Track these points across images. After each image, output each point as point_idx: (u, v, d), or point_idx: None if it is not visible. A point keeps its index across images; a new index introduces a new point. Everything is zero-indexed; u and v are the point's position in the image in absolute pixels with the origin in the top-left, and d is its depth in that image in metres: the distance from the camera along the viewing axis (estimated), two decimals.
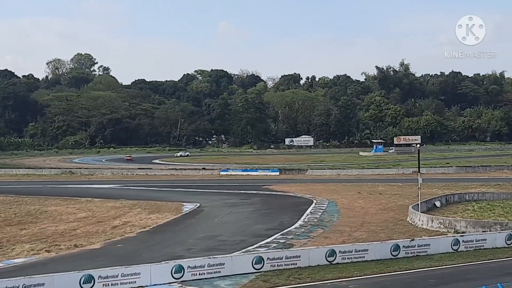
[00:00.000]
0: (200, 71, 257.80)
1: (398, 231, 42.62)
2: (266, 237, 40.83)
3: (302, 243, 38.40)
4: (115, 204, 59.41)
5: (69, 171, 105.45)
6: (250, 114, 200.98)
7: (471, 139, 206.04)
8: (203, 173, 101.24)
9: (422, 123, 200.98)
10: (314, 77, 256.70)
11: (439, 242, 36.08)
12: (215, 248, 37.46)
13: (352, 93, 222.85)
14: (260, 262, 30.54)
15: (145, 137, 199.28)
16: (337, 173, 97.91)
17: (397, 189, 71.90)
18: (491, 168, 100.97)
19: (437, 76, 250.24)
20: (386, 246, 34.30)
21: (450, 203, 57.19)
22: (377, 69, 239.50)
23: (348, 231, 43.03)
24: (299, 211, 53.22)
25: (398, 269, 31.29)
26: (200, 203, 60.40)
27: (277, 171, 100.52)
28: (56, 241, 40.27)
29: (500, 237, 37.63)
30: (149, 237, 42.65)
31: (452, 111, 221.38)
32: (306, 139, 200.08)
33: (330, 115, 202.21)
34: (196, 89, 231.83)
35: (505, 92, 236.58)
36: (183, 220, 50.79)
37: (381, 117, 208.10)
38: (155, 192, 75.01)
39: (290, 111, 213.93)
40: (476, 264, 32.87)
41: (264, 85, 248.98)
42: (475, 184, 76.57)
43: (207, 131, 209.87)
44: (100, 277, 26.97)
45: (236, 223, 48.83)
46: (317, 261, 31.94)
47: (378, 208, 55.06)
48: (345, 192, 69.37)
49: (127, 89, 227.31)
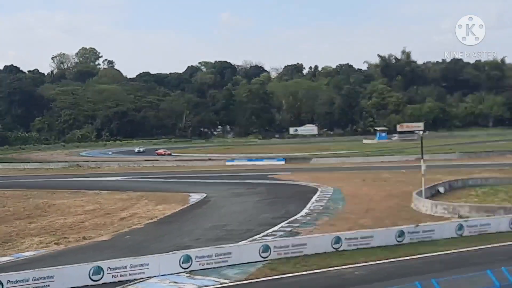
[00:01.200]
0: (204, 62, 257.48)
1: (402, 217, 42.78)
2: (272, 225, 41.02)
3: (308, 231, 38.64)
4: (123, 196, 59.79)
5: (76, 165, 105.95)
6: (255, 104, 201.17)
7: (474, 125, 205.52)
8: (209, 164, 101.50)
9: (425, 110, 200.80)
10: (317, 66, 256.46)
11: (444, 227, 36.36)
12: (222, 237, 37.70)
13: (354, 82, 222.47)
14: (267, 250, 30.82)
15: (150, 129, 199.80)
16: (342, 161, 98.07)
17: (401, 176, 71.98)
18: (494, 153, 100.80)
19: (439, 63, 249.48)
20: (391, 232, 34.56)
21: (454, 189, 57.38)
22: (379, 58, 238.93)
23: (353, 218, 43.28)
24: (305, 200, 53.35)
25: (403, 255, 31.51)
26: (206, 193, 60.62)
27: (282, 160, 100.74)
28: (65, 233, 40.67)
29: (504, 221, 37.84)
30: (157, 228, 42.98)
31: (454, 97, 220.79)
32: (310, 128, 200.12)
33: (334, 104, 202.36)
34: (201, 81, 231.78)
35: (506, 78, 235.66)
36: (190, 211, 51.09)
37: (384, 105, 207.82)
38: (162, 183, 75.31)
39: (294, 100, 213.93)
40: (481, 249, 33.02)
41: (267, 76, 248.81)
42: (478, 169, 76.50)
43: (212, 122, 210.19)
44: (109, 269, 27.28)
45: (242, 213, 49.09)
46: (323, 248, 32.20)
47: (382, 195, 55.23)
48: (350, 179, 69.53)
49: (132, 82, 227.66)
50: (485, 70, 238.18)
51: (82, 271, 26.92)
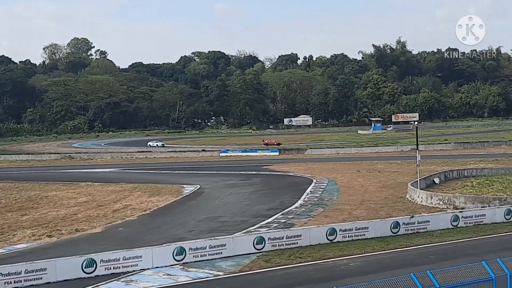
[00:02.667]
0: (198, 53, 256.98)
1: (397, 208, 42.84)
2: (267, 217, 41.04)
3: (303, 222, 38.60)
4: (115, 188, 59.52)
5: (68, 156, 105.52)
6: (249, 95, 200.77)
7: (469, 115, 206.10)
8: (202, 155, 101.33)
9: (420, 100, 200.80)
10: (311, 56, 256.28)
11: (439, 218, 36.29)
12: (216, 229, 37.63)
13: (349, 72, 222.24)
14: (261, 242, 30.70)
15: (143, 120, 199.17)
16: (336, 152, 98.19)
17: (396, 166, 72.09)
18: (489, 144, 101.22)
19: (434, 53, 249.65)
20: (386, 223, 34.49)
21: (449, 180, 57.42)
22: (374, 47, 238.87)
23: (348, 209, 43.22)
24: (299, 191, 53.42)
25: (399, 246, 31.45)
26: (200, 184, 60.51)
27: (277, 151, 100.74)
28: (57, 226, 40.41)
29: (499, 212, 37.88)
30: (150, 220, 42.81)
31: (449, 87, 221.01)
32: (305, 118, 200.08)
33: (328, 94, 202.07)
34: (194, 71, 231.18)
35: (501, 68, 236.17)
36: (183, 202, 50.93)
37: (379, 95, 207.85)
38: (155, 175, 75.15)
39: (288, 91, 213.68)
40: (476, 240, 33.07)
41: (261, 66, 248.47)
42: (474, 160, 76.80)
43: (206, 113, 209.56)
44: (102, 261, 27.12)
45: (236, 204, 48.99)
46: (318, 240, 32.12)
47: (377, 186, 55.26)
48: (345, 170, 69.56)
49: (125, 73, 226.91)
50: (481, 60, 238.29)
51: (74, 263, 26.75)
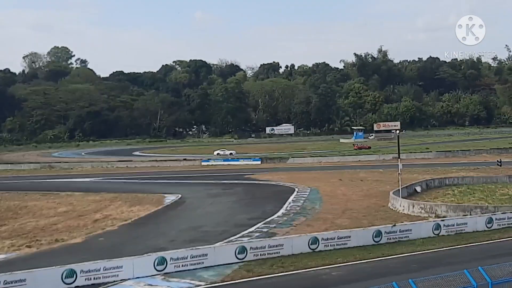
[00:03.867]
0: (179, 61, 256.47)
1: (380, 217, 42.87)
2: (248, 226, 40.87)
3: (285, 231, 38.50)
4: (96, 198, 58.93)
5: (48, 166, 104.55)
6: (230, 103, 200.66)
7: (450, 124, 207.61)
8: (184, 164, 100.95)
9: (401, 109, 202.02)
10: (293, 65, 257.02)
11: (421, 227, 36.35)
12: (197, 239, 37.36)
13: (331, 81, 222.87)
14: (243, 251, 30.56)
15: (124, 129, 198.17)
16: (319, 161, 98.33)
17: (378, 175, 72.26)
18: (471, 152, 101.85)
19: (415, 62, 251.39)
20: (368, 232, 34.49)
21: (431, 188, 57.62)
22: (355, 56, 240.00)
23: (331, 218, 43.18)
24: (282, 200, 53.30)
25: (381, 255, 31.46)
26: (182, 194, 60.14)
27: (259, 160, 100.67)
28: (37, 236, 39.93)
29: (480, 220, 38.02)
30: (131, 230, 42.47)
31: (430, 96, 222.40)
32: (287, 127, 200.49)
33: (310, 103, 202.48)
34: (175, 80, 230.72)
35: (482, 77, 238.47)
36: (165, 212, 50.62)
37: (361, 104, 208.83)
38: (136, 184, 74.63)
39: (270, 99, 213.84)
40: (457, 248, 33.17)
41: (243, 74, 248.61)
42: (455, 168, 77.20)
43: (187, 122, 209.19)
44: (82, 271, 26.86)
45: (218, 214, 48.79)
46: (300, 249, 32.05)
47: (359, 195, 55.35)
48: (327, 179, 69.59)
49: (105, 81, 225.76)
50: (462, 69, 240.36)
51: (54, 274, 26.46)
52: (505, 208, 41.00)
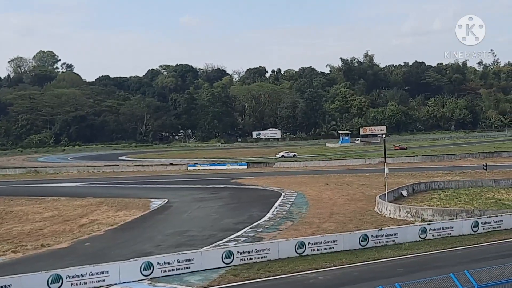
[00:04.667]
0: (165, 66, 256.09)
1: (366, 221, 42.95)
2: (235, 231, 40.83)
3: (272, 236, 38.47)
4: (82, 202, 58.76)
5: (34, 170, 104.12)
6: (217, 108, 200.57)
7: (436, 128, 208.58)
8: (170, 169, 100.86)
9: (387, 113, 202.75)
10: (279, 69, 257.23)
11: (407, 231, 36.41)
12: (184, 243, 37.34)
13: (317, 85, 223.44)
14: (230, 256, 30.50)
15: (110, 134, 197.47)
16: (305, 165, 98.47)
17: (364, 179, 72.44)
18: (456, 157, 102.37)
19: (401, 66, 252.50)
20: (354, 236, 34.50)
21: (417, 192, 57.81)
22: (341, 61, 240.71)
23: (317, 222, 43.21)
24: (268, 204, 53.32)
25: (367, 259, 31.47)
26: (168, 198, 60.08)
27: (245, 164, 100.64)
28: (23, 241, 39.73)
29: (466, 224, 38.14)
30: (117, 235, 42.33)
31: (416, 100, 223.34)
32: (273, 131, 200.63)
33: (297, 107, 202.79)
34: (162, 84, 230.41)
35: (468, 81, 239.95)
36: (151, 217, 50.48)
37: (347, 108, 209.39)
38: (122, 189, 74.40)
39: (257, 104, 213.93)
40: (444, 252, 33.22)
41: (230, 79, 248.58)
42: (441, 172, 77.54)
43: (174, 126, 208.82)
44: (68, 277, 26.68)
45: (205, 218, 48.70)
46: (286, 253, 32.02)
47: (346, 199, 55.43)
48: (313, 183, 69.68)
49: (91, 86, 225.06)
50: (447, 73, 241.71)
51: (40, 279, 26.25)
52: (491, 212, 41.19)
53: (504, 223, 38.97)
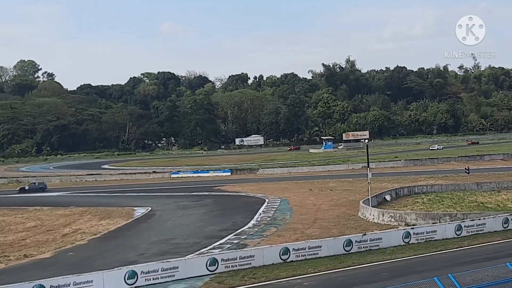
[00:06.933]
0: (147, 73, 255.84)
1: (350, 226, 42.99)
2: (219, 238, 40.74)
3: (256, 242, 38.41)
4: (65, 212, 58.46)
5: (16, 180, 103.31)
6: (199, 115, 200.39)
7: (418, 132, 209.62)
8: (153, 177, 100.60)
9: (370, 118, 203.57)
10: (261, 76, 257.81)
11: (391, 235, 36.47)
12: (168, 251, 37.20)
13: (300, 91, 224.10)
14: (214, 263, 30.38)
15: (93, 143, 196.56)
16: (288, 171, 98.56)
17: (348, 184, 72.62)
18: (439, 160, 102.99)
19: (383, 71, 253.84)
20: (338, 241, 34.50)
21: (400, 196, 57.96)
22: (323, 67, 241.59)
23: (301, 228, 43.22)
24: (252, 211, 53.28)
25: (352, 264, 31.45)
26: (151, 207, 59.87)
27: (229, 171, 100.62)
28: (5, 252, 39.46)
29: (449, 228, 38.27)
30: (101, 244, 42.10)
31: (398, 105, 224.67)
32: (256, 138, 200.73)
33: (279, 113, 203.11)
34: (144, 92, 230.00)
35: (449, 85, 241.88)
36: (135, 225, 50.27)
37: (330, 114, 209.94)
38: (105, 197, 73.97)
39: (239, 111, 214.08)
40: (427, 256, 33.26)
41: (212, 86, 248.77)
42: (424, 176, 77.87)
43: (156, 134, 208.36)
44: (52, 287, 26.41)
45: (189, 226, 48.57)
46: (271, 260, 31.95)
47: (329, 204, 55.48)
48: (297, 189, 69.72)
49: (73, 95, 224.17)
50: (428, 77, 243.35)
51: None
52: (474, 215, 41.39)
53: (487, 226, 39.16)
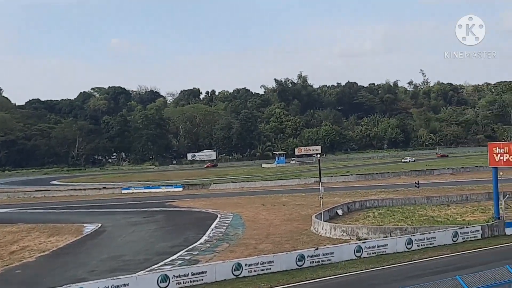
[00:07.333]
0: (97, 88, 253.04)
1: (302, 241, 43.03)
2: (171, 254, 40.41)
3: (208, 258, 38.18)
4: (12, 229, 57.21)
5: None
6: (151, 130, 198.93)
7: (369, 147, 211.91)
8: (103, 192, 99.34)
9: (322, 133, 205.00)
10: (214, 91, 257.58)
11: (343, 249, 36.58)
12: (118, 268, 36.69)
13: (252, 106, 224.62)
14: (166, 280, 30.01)
15: (42, 158, 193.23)
16: (241, 186, 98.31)
17: (300, 199, 72.76)
18: (389, 175, 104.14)
19: (334, 87, 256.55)
20: (291, 256, 34.46)
21: (352, 211, 58.36)
22: (275, 82, 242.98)
23: (254, 243, 43.12)
24: (204, 226, 53.00)
25: (304, 279, 31.43)
26: (101, 223, 59.11)
27: (180, 187, 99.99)
28: None
29: (400, 242, 38.61)
30: (50, 261, 41.32)
31: (349, 120, 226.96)
32: (209, 153, 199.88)
33: (232, 128, 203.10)
34: (94, 107, 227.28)
35: (399, 101, 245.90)
36: (84, 242, 49.46)
37: (282, 128, 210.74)
38: (54, 214, 72.73)
39: (191, 126, 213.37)
40: (379, 270, 33.48)
41: (163, 101, 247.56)
42: (375, 191, 78.62)
43: (107, 150, 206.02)
44: None
45: (140, 242, 48.02)
46: (223, 275, 31.73)
47: (282, 219, 55.50)
48: (249, 204, 69.61)
49: (21, 110, 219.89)
50: (379, 93, 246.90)
51: None
52: (424, 229, 41.88)
53: (437, 239, 39.65)
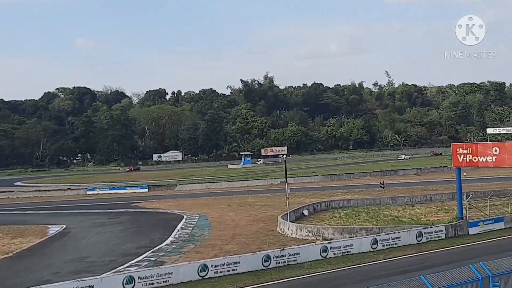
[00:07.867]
0: (62, 88, 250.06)
1: (268, 241, 43.12)
2: (136, 255, 40.22)
3: (174, 259, 38.07)
4: None
5: None
6: (116, 131, 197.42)
7: (335, 148, 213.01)
8: (68, 194, 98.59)
9: (288, 134, 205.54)
10: (180, 91, 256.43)
11: (308, 250, 36.73)
12: (83, 270, 36.41)
13: (218, 107, 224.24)
14: (131, 281, 29.85)
15: (5, 159, 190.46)
16: (207, 187, 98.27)
17: (266, 200, 72.91)
18: (355, 175, 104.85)
19: (300, 88, 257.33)
20: (257, 257, 34.51)
21: (318, 211, 58.63)
22: (242, 83, 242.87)
23: (220, 244, 43.09)
24: (170, 227, 52.86)
25: (270, 279, 31.49)
26: (66, 224, 58.58)
27: (146, 188, 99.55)
28: None
29: (365, 242, 38.90)
30: (13, 263, 40.84)
31: (315, 121, 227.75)
32: (175, 154, 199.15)
33: (198, 129, 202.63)
34: (58, 108, 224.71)
35: (364, 102, 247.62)
36: (49, 243, 49.01)
37: (248, 129, 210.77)
38: (18, 215, 72.00)
39: (157, 126, 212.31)
40: (344, 270, 33.67)
41: (129, 101, 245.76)
42: (340, 191, 79.12)
43: (72, 150, 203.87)
44: None
45: (105, 243, 47.71)
46: (189, 276, 31.68)
47: (248, 220, 55.57)
48: (216, 205, 69.58)
49: None
50: (344, 94, 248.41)
51: None
52: (389, 229, 42.23)
53: (402, 239, 40.04)
